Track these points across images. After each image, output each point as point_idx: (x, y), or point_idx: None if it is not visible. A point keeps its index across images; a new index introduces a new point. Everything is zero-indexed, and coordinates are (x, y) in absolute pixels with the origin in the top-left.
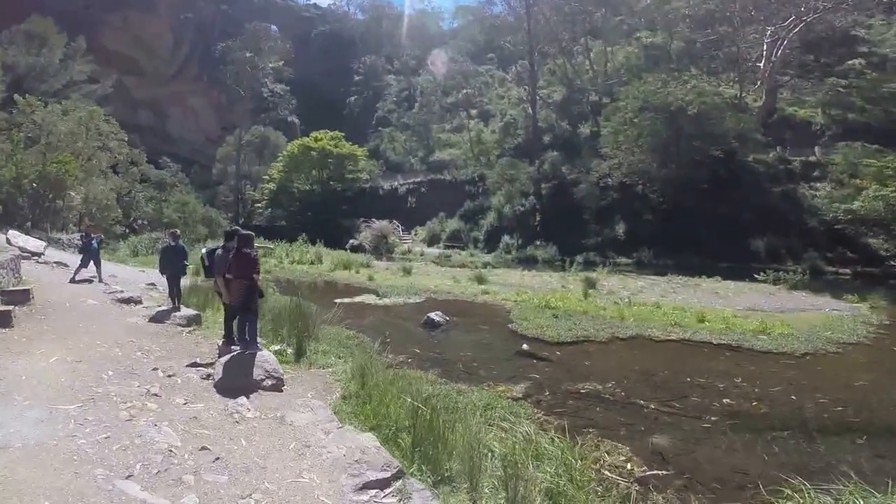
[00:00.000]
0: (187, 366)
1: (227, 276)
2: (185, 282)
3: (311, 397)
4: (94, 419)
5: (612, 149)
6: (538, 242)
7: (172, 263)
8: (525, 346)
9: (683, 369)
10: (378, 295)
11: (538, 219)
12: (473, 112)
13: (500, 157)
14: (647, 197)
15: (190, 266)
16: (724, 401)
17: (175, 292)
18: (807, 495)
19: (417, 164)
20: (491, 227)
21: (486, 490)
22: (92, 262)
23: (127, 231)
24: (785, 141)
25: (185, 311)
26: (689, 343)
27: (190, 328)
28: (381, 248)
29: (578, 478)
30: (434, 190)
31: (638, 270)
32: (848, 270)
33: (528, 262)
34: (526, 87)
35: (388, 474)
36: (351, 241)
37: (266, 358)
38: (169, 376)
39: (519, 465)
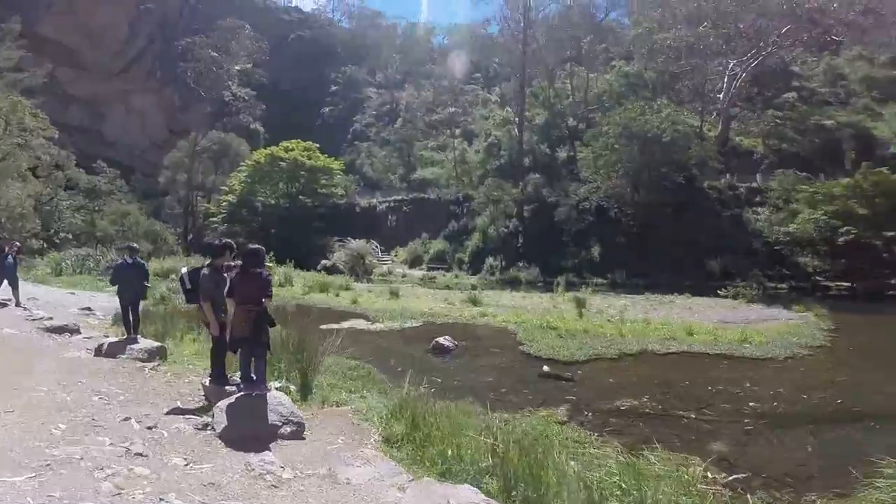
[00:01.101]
0: (169, 413)
1: (213, 301)
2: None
3: (344, 443)
4: (63, 497)
5: (592, 173)
6: (521, 264)
7: (131, 284)
8: (546, 368)
9: (697, 379)
10: (369, 320)
11: (521, 240)
12: (457, 131)
13: (484, 178)
14: (620, 220)
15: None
16: (750, 404)
17: (132, 320)
18: None
19: (397, 181)
20: (476, 248)
21: None
22: (6, 282)
23: (45, 245)
24: (733, 168)
25: (144, 343)
26: (688, 354)
27: (153, 363)
28: (358, 270)
29: (694, 492)
30: (417, 209)
31: (613, 290)
32: (785, 285)
33: (512, 284)
34: (509, 108)
35: None
36: (323, 261)
37: (280, 399)
38: (149, 428)
39: (637, 492)
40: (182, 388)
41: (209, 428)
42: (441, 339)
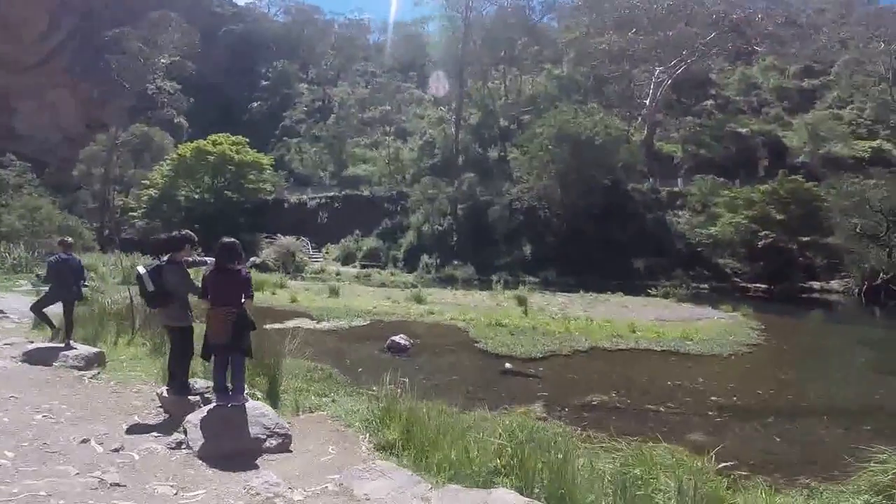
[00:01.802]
0: (130, 431)
1: (179, 300)
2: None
3: (337, 454)
4: None
5: (525, 173)
6: (455, 262)
7: (67, 283)
8: (508, 365)
9: (654, 375)
10: (313, 319)
11: (455, 239)
12: (391, 129)
13: (418, 176)
14: (550, 221)
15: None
16: (712, 398)
17: (66, 323)
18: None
19: (327, 178)
20: (411, 246)
21: None
22: None
23: None
24: (655, 172)
25: (80, 349)
26: (637, 351)
27: (92, 371)
28: (289, 267)
29: (712, 479)
30: (349, 206)
31: (546, 288)
32: (706, 286)
33: (448, 282)
34: (443, 107)
35: None
36: (252, 258)
37: (261, 410)
38: (115, 450)
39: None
40: (132, 399)
41: (183, 446)
42: (396, 338)
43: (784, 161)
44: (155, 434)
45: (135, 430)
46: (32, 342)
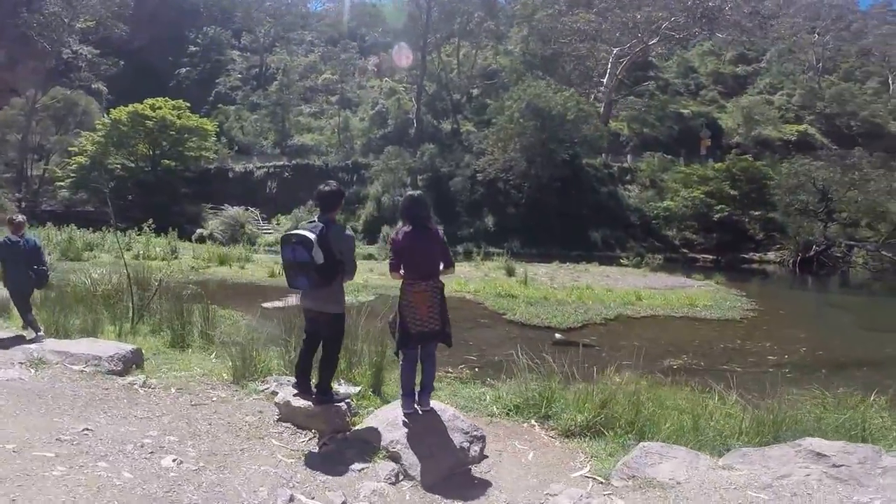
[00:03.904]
0: (315, 467)
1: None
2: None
3: (529, 448)
4: None
5: (490, 145)
6: None
7: (21, 270)
8: (559, 336)
9: (698, 338)
10: None
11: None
12: (333, 98)
13: (369, 146)
14: (510, 193)
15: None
16: (768, 357)
17: (23, 315)
18: None
19: (269, 147)
20: (371, 217)
21: None
22: None
23: None
24: (605, 149)
25: (107, 346)
26: (661, 318)
27: (138, 377)
28: (239, 239)
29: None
30: (300, 176)
31: (514, 259)
32: (660, 256)
33: None
34: (389, 78)
35: None
36: (199, 230)
37: (449, 412)
38: None
39: None
40: (236, 414)
41: (401, 477)
42: None
43: (720, 141)
44: (358, 466)
45: (329, 468)
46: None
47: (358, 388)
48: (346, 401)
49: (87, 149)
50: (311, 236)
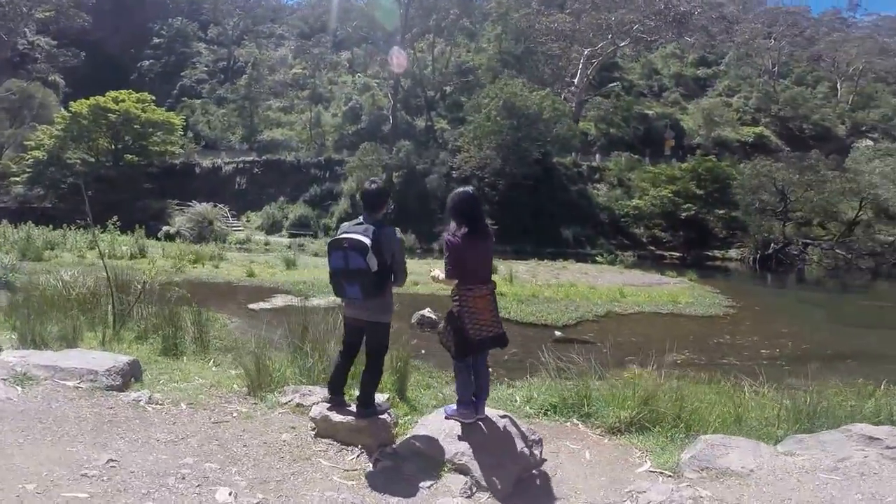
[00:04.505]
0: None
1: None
2: None
3: (582, 447)
4: None
5: (466, 142)
6: None
7: None
8: (558, 333)
9: (690, 334)
10: (296, 295)
11: (392, 206)
12: (304, 93)
13: (342, 143)
14: (485, 190)
15: None
16: (761, 351)
17: None
18: None
19: (237, 142)
20: (345, 213)
21: None
22: None
23: None
24: (577, 148)
25: (99, 357)
26: (648, 314)
27: (142, 393)
28: (208, 237)
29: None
30: (270, 172)
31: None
32: (629, 254)
33: None
34: (368, 73)
35: None
36: (165, 227)
37: (507, 415)
38: None
39: None
40: (279, 433)
41: (474, 489)
42: (424, 312)
43: (682, 141)
44: (426, 483)
45: (382, 483)
46: None
47: (387, 396)
48: (388, 412)
49: (45, 143)
50: (366, 241)
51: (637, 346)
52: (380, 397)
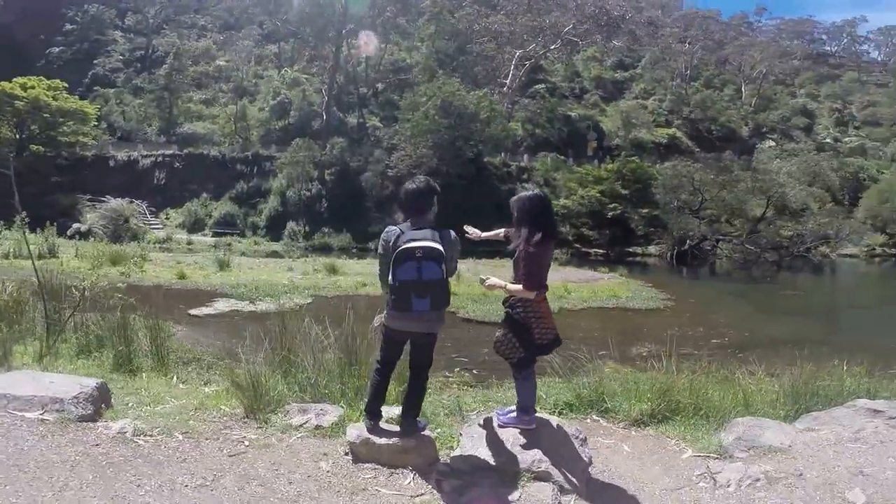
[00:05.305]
0: None
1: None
2: None
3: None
4: None
5: (404, 141)
6: (326, 230)
7: None
8: None
9: (643, 327)
10: (239, 299)
11: (325, 205)
12: (227, 87)
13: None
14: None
15: None
16: (712, 341)
17: None
18: None
19: (154, 134)
20: (274, 212)
21: None
22: None
23: None
24: (509, 148)
25: (66, 382)
26: (596, 309)
27: (117, 423)
28: (123, 235)
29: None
30: (192, 166)
31: None
32: (559, 251)
33: (322, 250)
34: (287, 69)
35: None
36: (76, 225)
37: (552, 419)
38: None
39: None
40: (316, 463)
41: (559, 494)
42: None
43: (602, 143)
44: (515, 495)
45: None
46: None
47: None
48: (427, 427)
49: None
50: (440, 247)
51: (600, 340)
52: (394, 410)
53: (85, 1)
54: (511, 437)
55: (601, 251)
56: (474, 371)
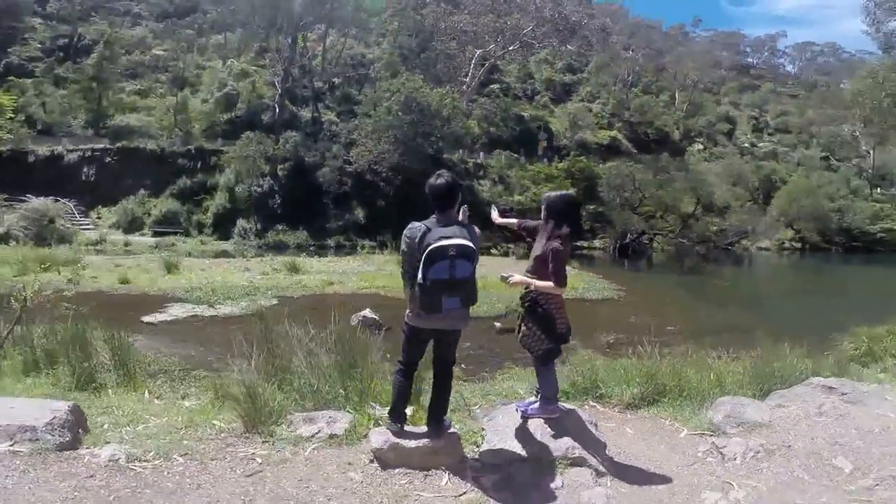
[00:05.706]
0: None
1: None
2: None
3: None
4: None
5: (365, 136)
6: (280, 227)
7: None
8: (498, 325)
9: (606, 317)
10: (196, 303)
11: (278, 201)
12: (165, 77)
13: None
14: (379, 185)
15: None
16: (668, 328)
17: None
18: None
19: (79, 127)
20: (222, 209)
21: None
22: None
23: None
24: (468, 145)
25: (34, 407)
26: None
27: (104, 450)
28: (48, 237)
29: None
30: (127, 161)
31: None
32: (513, 246)
33: (277, 248)
34: (234, 60)
35: None
36: None
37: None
38: None
39: None
40: (345, 474)
41: (598, 477)
42: (364, 313)
43: (552, 142)
44: (556, 483)
45: (513, 499)
46: None
47: (411, 408)
48: (451, 425)
49: None
50: (472, 244)
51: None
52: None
53: None
54: (537, 428)
55: None
56: (462, 366)
